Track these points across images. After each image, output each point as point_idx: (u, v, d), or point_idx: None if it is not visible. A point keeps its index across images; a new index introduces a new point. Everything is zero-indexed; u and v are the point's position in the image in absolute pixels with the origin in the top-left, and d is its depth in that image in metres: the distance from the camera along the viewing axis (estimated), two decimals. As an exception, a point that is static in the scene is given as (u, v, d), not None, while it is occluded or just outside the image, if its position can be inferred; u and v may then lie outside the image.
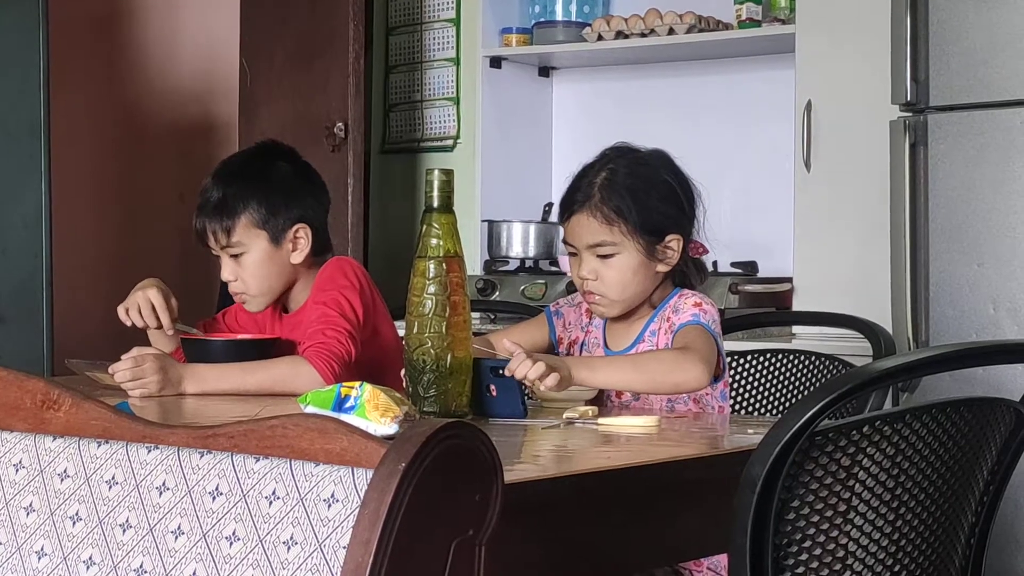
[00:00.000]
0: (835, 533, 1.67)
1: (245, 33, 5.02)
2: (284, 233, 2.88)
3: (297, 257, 2.90)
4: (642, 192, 2.61)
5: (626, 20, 4.67)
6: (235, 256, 2.88)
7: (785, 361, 3.16)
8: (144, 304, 2.84)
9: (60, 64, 4.39)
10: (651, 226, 2.61)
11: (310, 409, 2.01)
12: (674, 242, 2.63)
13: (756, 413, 3.15)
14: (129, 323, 2.85)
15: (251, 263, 2.88)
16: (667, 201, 2.64)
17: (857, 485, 1.66)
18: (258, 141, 3.17)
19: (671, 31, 4.58)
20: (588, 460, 2.10)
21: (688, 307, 2.61)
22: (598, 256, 2.62)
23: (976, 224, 3.50)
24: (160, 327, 2.85)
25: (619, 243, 2.60)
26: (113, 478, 1.72)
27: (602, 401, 2.65)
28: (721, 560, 2.48)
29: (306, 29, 4.82)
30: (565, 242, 2.69)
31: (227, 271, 2.90)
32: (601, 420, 2.32)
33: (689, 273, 2.69)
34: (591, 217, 2.61)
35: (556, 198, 4.93)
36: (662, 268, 2.64)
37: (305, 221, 2.90)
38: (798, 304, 4.20)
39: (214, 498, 1.61)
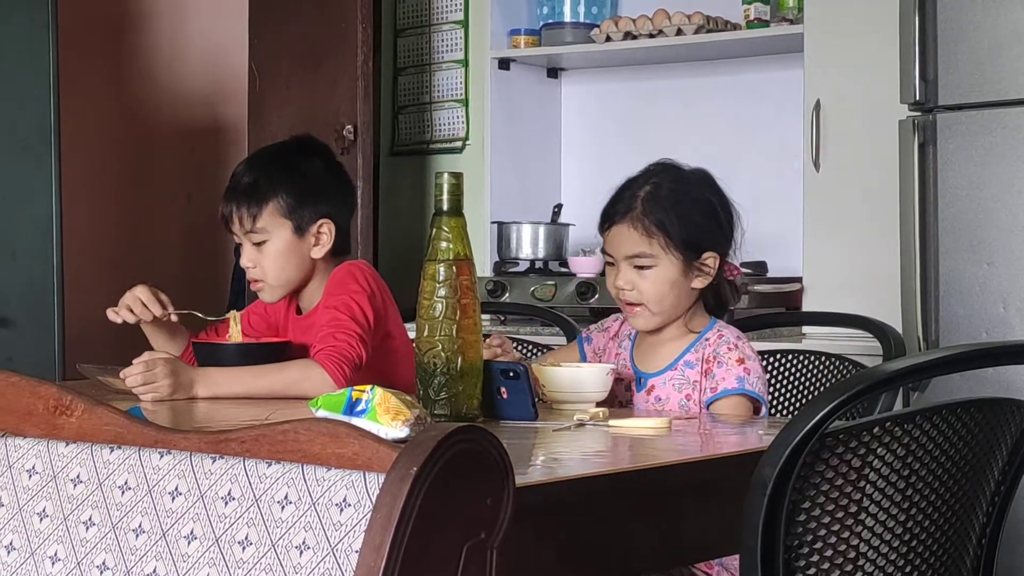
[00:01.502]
0: (846, 534, 1.67)
1: (254, 36, 5.02)
2: (308, 226, 2.89)
3: (318, 252, 2.90)
4: (684, 207, 2.64)
5: (634, 21, 4.67)
6: (257, 244, 2.89)
7: (795, 361, 3.16)
8: (133, 302, 2.85)
9: (69, 68, 4.40)
10: (689, 241, 2.63)
11: (321, 413, 2.01)
12: (711, 259, 2.65)
13: (767, 414, 3.15)
14: (119, 320, 2.86)
15: (272, 252, 2.89)
16: (707, 218, 2.66)
17: (868, 486, 1.66)
18: (293, 136, 3.17)
19: (679, 32, 4.58)
20: (599, 462, 2.10)
21: (732, 363, 2.63)
22: (635, 267, 2.63)
23: (986, 223, 3.50)
24: (153, 320, 2.86)
25: (657, 256, 2.62)
26: (126, 483, 1.72)
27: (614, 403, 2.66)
28: (735, 560, 2.48)
29: (314, 32, 4.82)
30: (603, 251, 2.71)
31: (247, 258, 2.91)
32: (612, 422, 2.32)
33: (724, 294, 2.71)
34: (632, 229, 2.63)
35: (565, 199, 4.98)
36: (697, 284, 2.66)
37: (330, 217, 2.91)
38: (808, 304, 4.20)
39: (226, 503, 1.62)
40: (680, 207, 2.64)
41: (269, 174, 2.90)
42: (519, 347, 3.58)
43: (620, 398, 2.70)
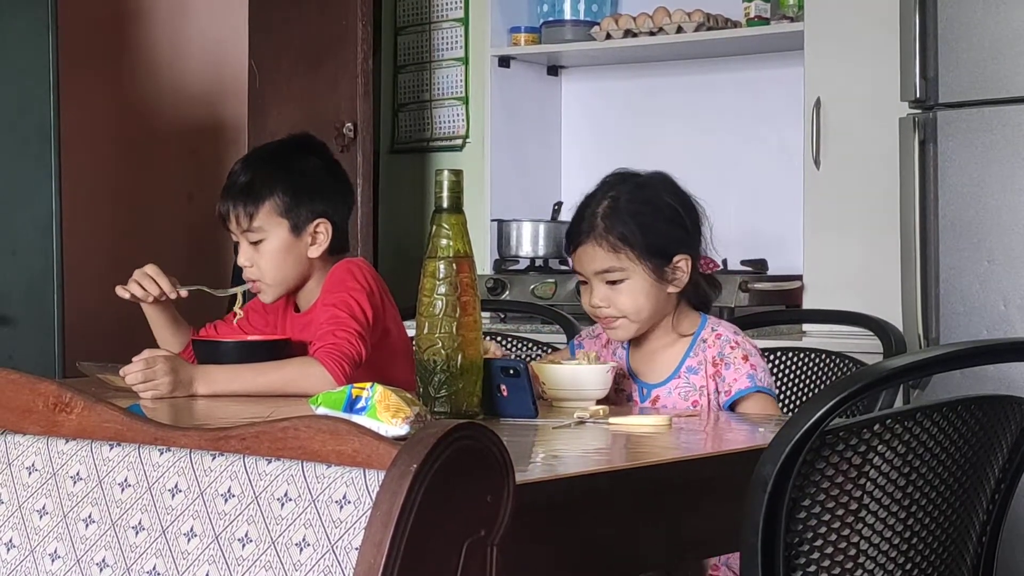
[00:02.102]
0: (847, 532, 1.66)
1: (254, 34, 5.02)
2: (305, 225, 2.89)
3: (315, 251, 2.90)
4: (645, 216, 2.61)
5: (635, 19, 4.67)
6: (254, 243, 2.89)
7: (796, 359, 3.16)
8: (142, 278, 2.86)
9: (69, 67, 4.40)
10: (657, 249, 2.61)
11: (321, 410, 2.01)
12: (682, 262, 2.63)
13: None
14: (127, 296, 2.87)
15: (269, 251, 2.89)
16: (671, 223, 2.64)
17: (868, 484, 1.66)
18: (290, 134, 3.17)
19: (680, 29, 4.58)
20: (599, 460, 2.10)
21: (739, 362, 2.63)
22: (608, 283, 2.62)
23: (986, 221, 3.50)
24: (162, 297, 2.87)
25: (627, 268, 2.60)
26: (126, 480, 1.72)
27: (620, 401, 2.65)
28: (735, 558, 2.48)
29: (314, 30, 4.82)
30: (575, 271, 2.70)
31: (244, 256, 2.91)
32: (612, 419, 2.32)
33: (704, 291, 2.69)
34: (596, 246, 2.61)
35: (566, 197, 4.98)
36: (673, 289, 2.64)
37: (327, 217, 2.91)
38: (808, 302, 4.20)
39: (226, 500, 1.62)
40: (641, 216, 2.61)
41: (266, 173, 2.91)
42: (520, 345, 3.58)
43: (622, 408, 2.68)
